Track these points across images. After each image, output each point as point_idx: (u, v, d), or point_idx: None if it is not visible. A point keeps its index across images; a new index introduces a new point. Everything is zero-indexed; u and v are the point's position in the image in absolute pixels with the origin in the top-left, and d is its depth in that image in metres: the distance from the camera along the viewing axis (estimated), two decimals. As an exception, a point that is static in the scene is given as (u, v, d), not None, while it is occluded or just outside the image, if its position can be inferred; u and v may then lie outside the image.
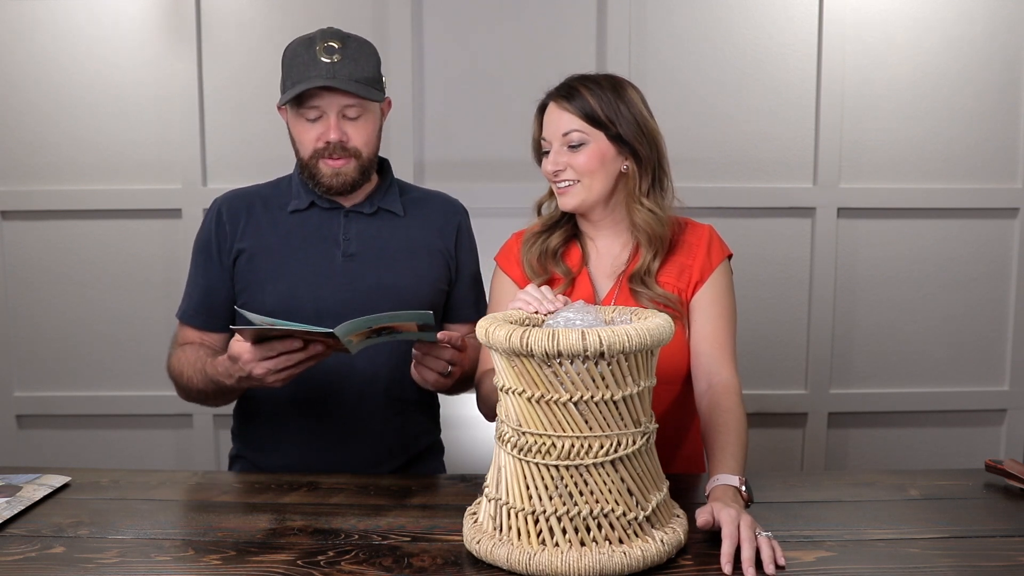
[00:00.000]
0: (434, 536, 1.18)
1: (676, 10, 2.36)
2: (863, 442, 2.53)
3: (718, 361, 1.42)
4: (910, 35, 2.37)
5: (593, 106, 1.43)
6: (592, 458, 1.04)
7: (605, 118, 1.43)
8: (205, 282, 1.60)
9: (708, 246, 1.49)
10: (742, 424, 1.33)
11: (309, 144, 1.52)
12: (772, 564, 1.06)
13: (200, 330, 1.60)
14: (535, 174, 1.56)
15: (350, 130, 1.51)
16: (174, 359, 1.57)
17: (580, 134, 1.43)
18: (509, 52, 2.37)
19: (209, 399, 1.53)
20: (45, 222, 2.41)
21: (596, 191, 1.45)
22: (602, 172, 1.44)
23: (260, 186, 1.65)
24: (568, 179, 1.45)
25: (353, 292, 1.55)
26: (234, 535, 1.19)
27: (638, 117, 1.45)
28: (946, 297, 2.48)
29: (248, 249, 1.57)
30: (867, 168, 2.41)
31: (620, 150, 1.45)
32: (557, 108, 1.46)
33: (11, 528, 1.21)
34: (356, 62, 1.49)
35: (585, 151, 1.43)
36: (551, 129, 1.46)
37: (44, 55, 2.35)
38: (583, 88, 1.45)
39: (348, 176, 1.53)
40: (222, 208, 1.60)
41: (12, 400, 2.46)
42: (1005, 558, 1.10)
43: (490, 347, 1.07)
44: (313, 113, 1.50)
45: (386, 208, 1.62)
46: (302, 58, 1.49)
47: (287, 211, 1.59)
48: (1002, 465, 1.36)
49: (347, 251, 1.57)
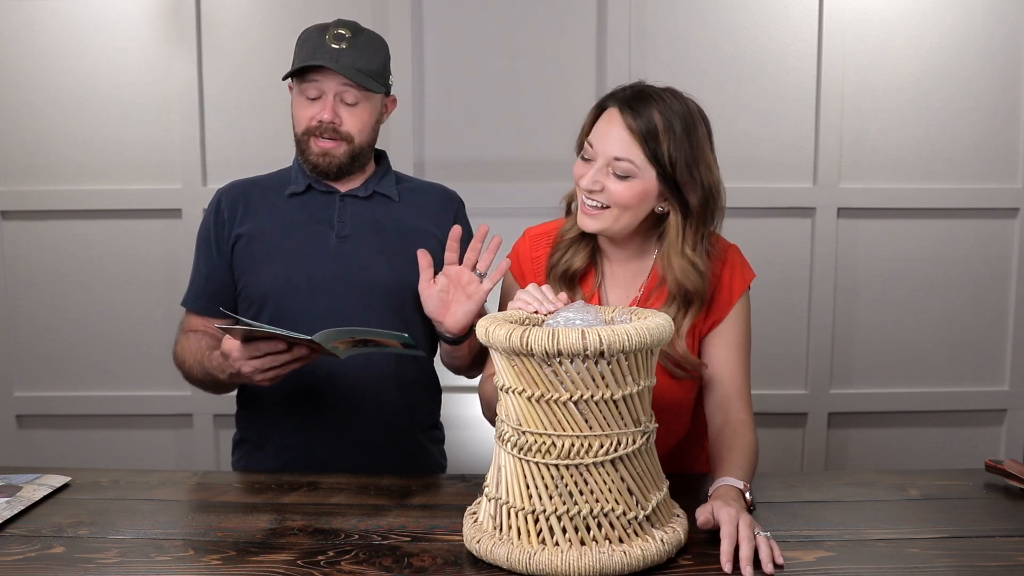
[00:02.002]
0: (434, 536, 1.18)
1: (676, 10, 2.36)
2: (863, 442, 2.52)
3: (736, 402, 1.38)
4: (910, 35, 2.37)
5: (662, 146, 1.28)
6: (592, 457, 1.04)
7: (667, 157, 1.28)
8: (207, 270, 1.63)
9: (730, 279, 1.40)
10: (753, 449, 1.31)
11: (304, 121, 1.56)
12: (770, 563, 1.06)
13: (203, 316, 1.64)
14: (535, 174, 1.56)
15: (345, 114, 1.54)
16: (179, 347, 1.62)
17: (631, 165, 1.29)
18: (509, 52, 2.37)
19: (209, 389, 1.58)
20: (45, 222, 2.41)
21: (623, 224, 1.34)
22: (636, 209, 1.33)
23: (262, 176, 1.69)
24: (600, 202, 1.33)
25: (347, 271, 1.57)
26: (234, 535, 1.19)
27: (704, 178, 1.31)
28: (946, 297, 2.48)
29: (246, 234, 1.60)
30: (867, 168, 2.41)
31: (665, 192, 1.32)
32: (619, 121, 1.30)
33: (11, 528, 1.21)
34: (362, 53, 1.53)
35: (629, 184, 1.30)
36: (604, 143, 1.31)
37: (44, 55, 2.35)
38: (658, 115, 1.29)
39: (336, 158, 1.55)
40: (222, 198, 1.64)
41: (12, 400, 2.46)
42: (1005, 558, 1.10)
43: (490, 346, 1.07)
44: (313, 91, 1.53)
45: (381, 192, 1.63)
46: (313, 40, 1.53)
47: (285, 195, 1.62)
48: (1002, 465, 1.36)
49: (341, 232, 1.59)
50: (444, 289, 1.47)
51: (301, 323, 1.50)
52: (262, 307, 1.58)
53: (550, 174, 2.32)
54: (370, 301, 1.56)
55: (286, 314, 1.55)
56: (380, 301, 1.57)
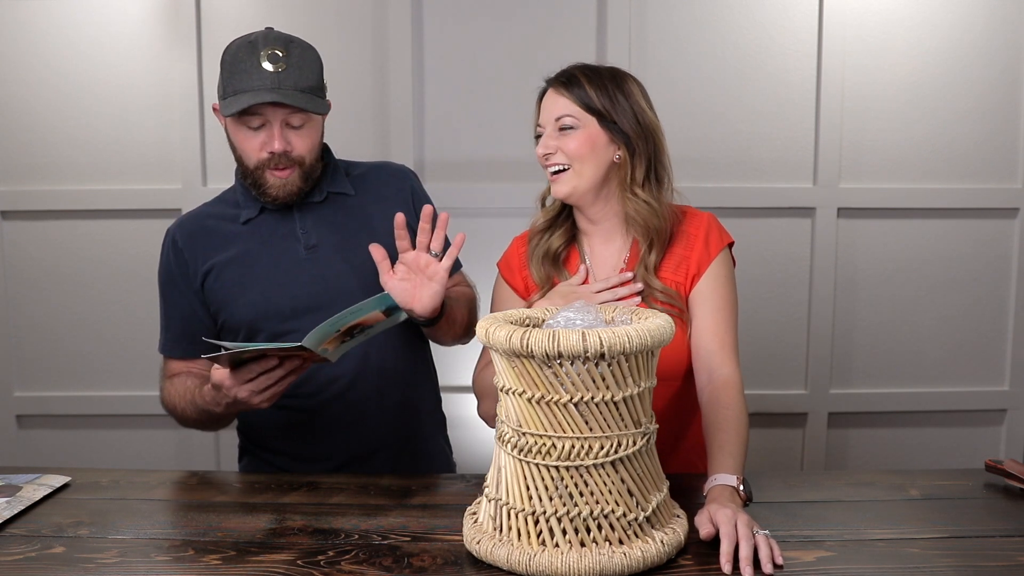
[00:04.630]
0: (434, 536, 1.18)
1: (676, 10, 2.36)
2: (863, 442, 2.53)
3: (718, 356, 1.40)
4: (910, 35, 2.37)
5: (589, 93, 1.43)
6: (592, 459, 1.04)
7: (600, 105, 1.43)
8: (179, 312, 1.59)
9: (706, 235, 1.47)
10: (742, 421, 1.32)
11: (253, 154, 1.50)
12: (770, 563, 1.06)
13: (184, 360, 1.60)
14: (535, 174, 1.56)
15: (294, 139, 1.49)
16: (165, 393, 1.58)
17: (571, 119, 1.43)
18: (509, 52, 2.37)
19: (207, 427, 1.56)
20: (45, 222, 2.41)
21: (587, 178, 1.44)
22: (592, 158, 1.44)
23: (206, 205, 1.64)
24: (559, 163, 1.45)
25: (324, 283, 1.55)
26: (234, 535, 1.19)
27: (635, 107, 1.45)
28: (946, 297, 2.48)
29: (214, 268, 1.56)
30: (867, 168, 2.41)
31: (613, 138, 1.44)
32: (554, 93, 1.46)
33: (11, 528, 1.21)
34: (300, 70, 1.46)
35: (575, 135, 1.43)
36: (546, 114, 1.47)
37: (44, 55, 2.35)
38: (581, 75, 1.45)
39: (294, 185, 1.52)
40: (176, 236, 1.59)
41: (12, 400, 2.46)
42: (1005, 558, 1.10)
43: (490, 347, 1.07)
44: (256, 121, 1.47)
45: (335, 191, 1.60)
46: (245, 64, 1.45)
47: (239, 222, 1.58)
48: (1002, 465, 1.36)
49: (308, 243, 1.56)
50: (405, 277, 1.46)
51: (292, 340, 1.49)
52: (249, 334, 1.55)
53: (550, 174, 2.32)
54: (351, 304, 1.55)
55: (274, 336, 1.53)
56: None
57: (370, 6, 2.34)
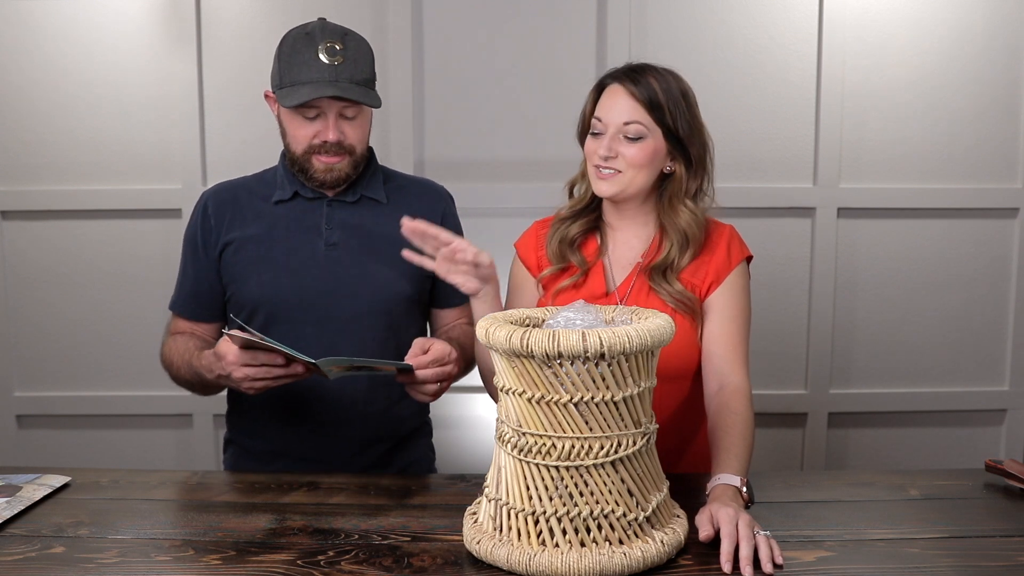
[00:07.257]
0: (434, 536, 1.18)
1: (676, 10, 2.36)
2: (863, 442, 2.52)
3: (730, 364, 1.41)
4: (910, 35, 2.37)
5: (660, 97, 1.40)
6: (592, 459, 1.04)
7: (670, 119, 1.41)
8: (194, 273, 1.62)
9: (728, 246, 1.48)
10: (748, 427, 1.32)
11: (304, 140, 1.52)
12: (770, 563, 1.06)
13: (190, 320, 1.63)
14: (535, 174, 1.56)
15: (347, 129, 1.52)
16: (166, 348, 1.61)
17: (641, 127, 1.41)
18: (509, 52, 2.37)
19: (195, 389, 1.58)
20: (45, 222, 2.41)
21: (637, 185, 1.44)
22: (648, 168, 1.43)
23: (247, 178, 1.66)
24: (614, 168, 1.43)
25: (335, 282, 1.56)
26: (234, 535, 1.19)
27: (697, 124, 1.44)
28: (946, 297, 2.48)
29: (234, 241, 1.59)
30: (867, 168, 2.41)
31: (671, 149, 1.44)
32: (622, 92, 1.42)
33: (11, 528, 1.21)
34: (356, 63, 1.49)
35: (641, 145, 1.41)
36: (612, 113, 1.42)
37: (44, 55, 2.35)
38: (652, 76, 1.42)
39: (342, 172, 1.54)
40: (208, 202, 1.62)
41: (12, 400, 2.46)
42: (1005, 558, 1.10)
43: (490, 348, 1.07)
44: (312, 112, 1.50)
45: (369, 196, 1.61)
46: (303, 56, 1.48)
47: (271, 202, 1.60)
48: (1002, 465, 1.36)
49: (329, 240, 1.58)
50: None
51: (291, 331, 1.51)
52: (252, 315, 1.57)
53: (550, 174, 2.31)
54: (359, 310, 1.56)
55: (276, 322, 1.55)
56: (369, 309, 1.56)
57: (370, 6, 2.33)
